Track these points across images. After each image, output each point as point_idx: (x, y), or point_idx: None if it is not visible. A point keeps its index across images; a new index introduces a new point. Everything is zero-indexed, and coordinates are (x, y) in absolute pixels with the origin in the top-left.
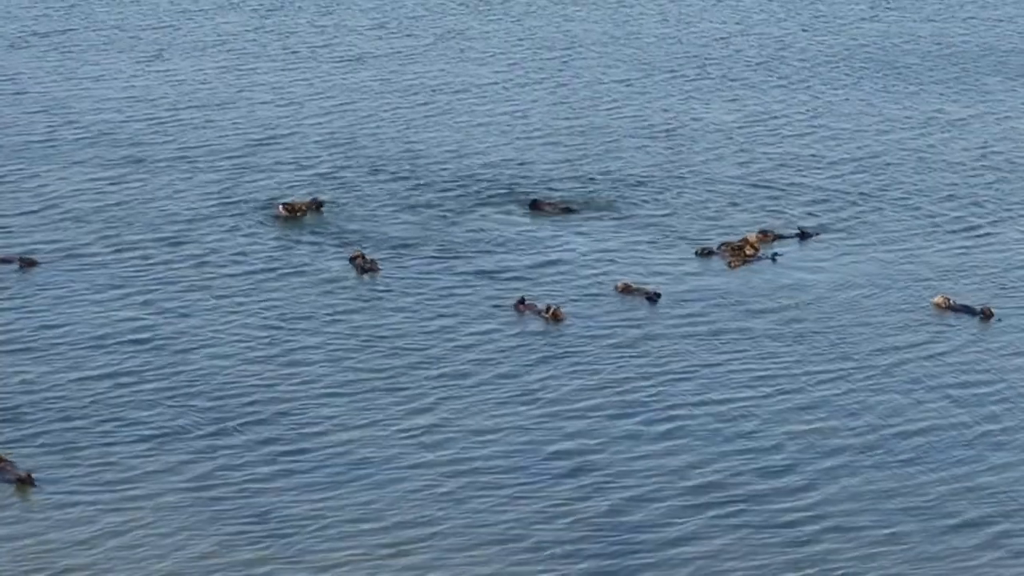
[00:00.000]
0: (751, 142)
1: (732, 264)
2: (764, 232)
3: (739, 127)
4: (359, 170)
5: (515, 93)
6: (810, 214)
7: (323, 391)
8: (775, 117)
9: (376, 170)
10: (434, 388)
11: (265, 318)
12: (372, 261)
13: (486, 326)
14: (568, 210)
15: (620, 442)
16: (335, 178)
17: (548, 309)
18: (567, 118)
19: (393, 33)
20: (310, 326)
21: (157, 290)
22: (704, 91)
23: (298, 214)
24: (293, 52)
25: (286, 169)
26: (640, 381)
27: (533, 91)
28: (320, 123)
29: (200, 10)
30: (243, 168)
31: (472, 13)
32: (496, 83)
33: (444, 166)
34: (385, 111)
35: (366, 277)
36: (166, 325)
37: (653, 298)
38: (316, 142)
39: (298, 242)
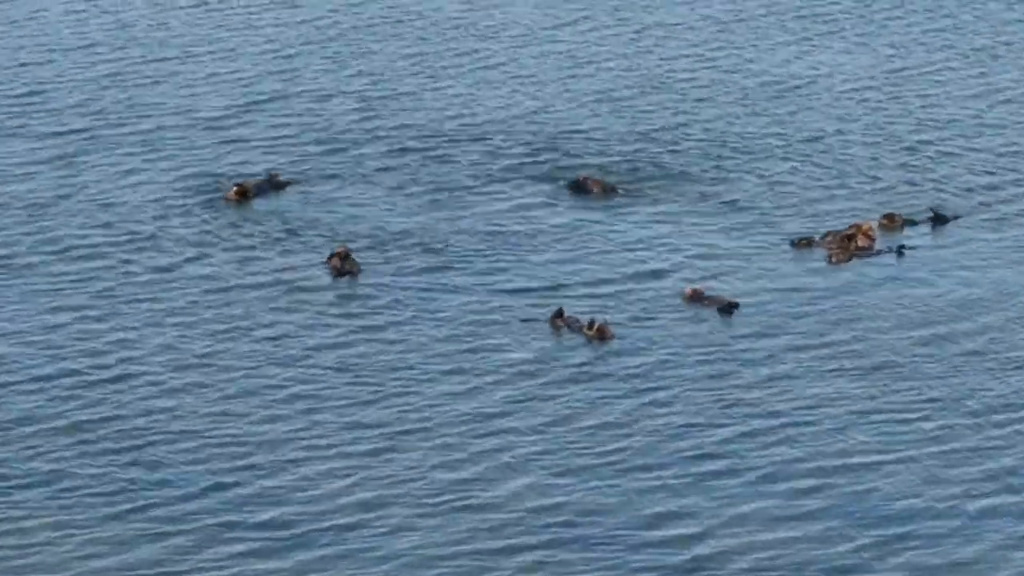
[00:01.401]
0: (888, 101)
1: (835, 258)
2: (890, 217)
3: (874, 82)
4: (348, 136)
5: (564, 36)
6: (955, 194)
7: (306, 443)
8: (923, 70)
9: (370, 134)
10: (447, 435)
11: (222, 342)
12: (351, 260)
13: (512, 348)
14: (623, 191)
15: (701, 505)
16: (316, 148)
17: (592, 325)
18: (633, 69)
19: None
20: (279, 353)
21: (95, 305)
22: (826, 34)
23: (250, 196)
24: None
25: (267, 138)
26: (716, 421)
27: (588, 33)
28: (314, 74)
29: None
30: (216, 140)
31: None
32: (540, 22)
33: (461, 131)
34: (396, 58)
35: (344, 282)
36: (104, 348)
37: (728, 309)
38: (307, 101)
39: (255, 234)
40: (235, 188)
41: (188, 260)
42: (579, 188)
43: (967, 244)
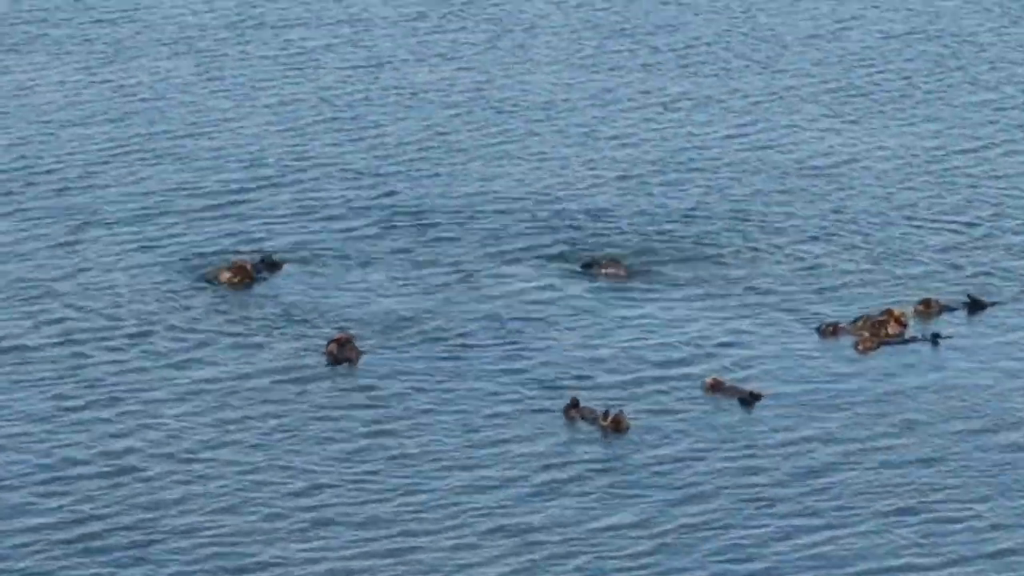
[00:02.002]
0: (927, 181)
1: (862, 346)
2: (927, 302)
3: (913, 161)
4: (353, 214)
5: (584, 109)
6: (996, 279)
7: (318, 559)
8: (965, 149)
9: (377, 212)
10: (467, 546)
11: (219, 445)
12: (351, 346)
13: (522, 441)
14: (633, 273)
15: None
16: (320, 226)
17: (607, 415)
18: (657, 145)
19: (432, 28)
20: (281, 458)
21: (87, 398)
22: (863, 110)
23: (248, 278)
24: (294, 54)
25: (270, 216)
26: (749, 524)
27: (610, 107)
28: (321, 148)
29: None
30: (217, 218)
31: None
32: (559, 95)
33: (473, 210)
34: (405, 133)
35: (342, 370)
36: (98, 449)
37: (750, 400)
38: (312, 177)
39: (253, 320)
40: (231, 270)
41: (184, 352)
42: (591, 270)
43: (1007, 332)
